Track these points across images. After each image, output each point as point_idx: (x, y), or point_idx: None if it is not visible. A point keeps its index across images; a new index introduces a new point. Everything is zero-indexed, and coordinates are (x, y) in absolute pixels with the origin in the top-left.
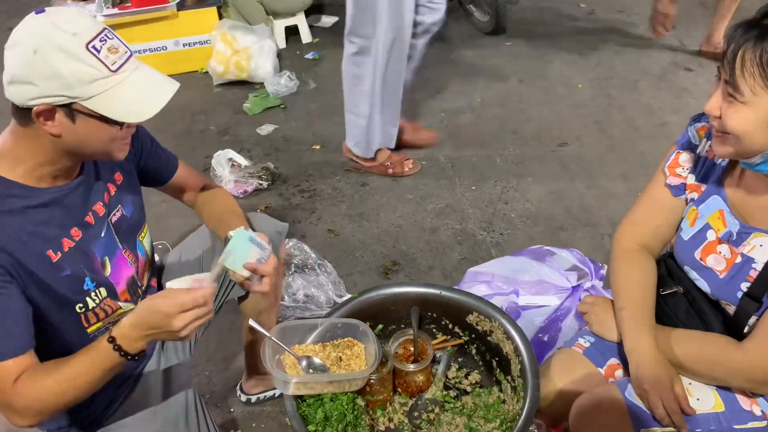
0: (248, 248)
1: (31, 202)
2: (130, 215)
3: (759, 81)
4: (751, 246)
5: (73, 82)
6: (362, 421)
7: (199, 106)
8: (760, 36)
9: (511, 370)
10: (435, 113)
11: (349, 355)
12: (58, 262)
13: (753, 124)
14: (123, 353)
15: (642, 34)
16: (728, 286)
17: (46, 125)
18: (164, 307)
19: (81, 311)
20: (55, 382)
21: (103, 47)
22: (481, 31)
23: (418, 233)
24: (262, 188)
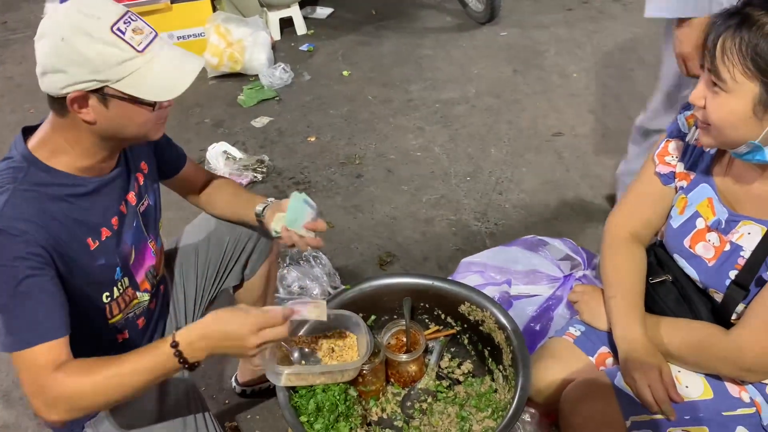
0: (305, 209)
1: (76, 191)
2: (154, 204)
3: (739, 68)
4: (739, 234)
5: (101, 66)
6: (354, 411)
7: (194, 98)
8: (739, 24)
9: (502, 359)
10: (429, 104)
11: (341, 346)
12: (95, 250)
13: (735, 113)
14: (182, 361)
15: (636, 22)
16: (717, 274)
17: (81, 113)
18: (249, 324)
19: (107, 301)
20: (103, 379)
21: (128, 29)
22: (476, 21)
23: (413, 224)
24: (257, 181)
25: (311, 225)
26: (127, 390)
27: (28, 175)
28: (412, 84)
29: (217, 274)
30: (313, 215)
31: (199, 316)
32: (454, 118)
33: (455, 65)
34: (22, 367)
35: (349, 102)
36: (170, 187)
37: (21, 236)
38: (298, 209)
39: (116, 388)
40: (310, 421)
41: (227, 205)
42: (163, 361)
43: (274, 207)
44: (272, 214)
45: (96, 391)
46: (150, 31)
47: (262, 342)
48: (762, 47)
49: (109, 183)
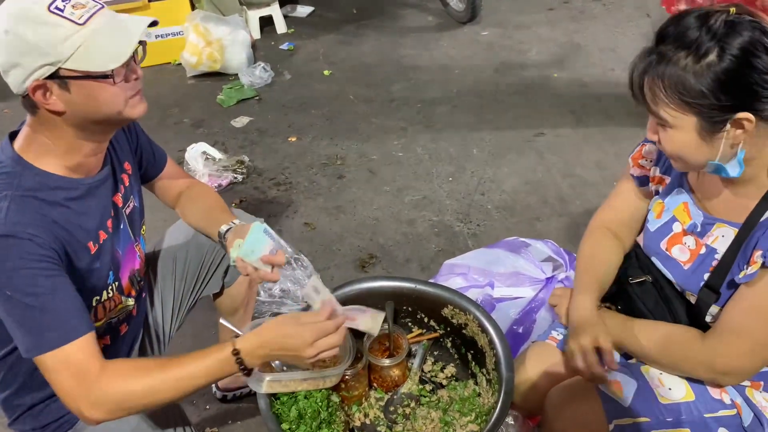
0: (264, 241)
1: (72, 194)
2: (139, 206)
3: (672, 106)
4: (714, 237)
5: (46, 48)
6: (337, 417)
7: (173, 98)
8: (657, 62)
9: (485, 362)
10: (411, 104)
11: None
12: (95, 254)
13: (686, 143)
14: (243, 367)
15: (618, 23)
16: (693, 276)
17: (48, 104)
18: (307, 334)
19: (94, 304)
20: (159, 382)
21: (66, 5)
22: (458, 21)
23: (395, 225)
24: (237, 182)
25: (268, 258)
26: (180, 393)
27: (22, 180)
28: (394, 84)
29: (196, 281)
30: (273, 247)
31: (177, 324)
32: (436, 118)
33: (437, 65)
34: (56, 367)
35: (330, 102)
36: (150, 190)
37: (32, 239)
38: (257, 241)
39: (170, 390)
40: (292, 429)
41: (197, 219)
42: (223, 366)
43: (237, 230)
44: (233, 238)
45: (148, 393)
46: (94, 4)
47: (318, 352)
48: (685, 82)
49: (100, 184)
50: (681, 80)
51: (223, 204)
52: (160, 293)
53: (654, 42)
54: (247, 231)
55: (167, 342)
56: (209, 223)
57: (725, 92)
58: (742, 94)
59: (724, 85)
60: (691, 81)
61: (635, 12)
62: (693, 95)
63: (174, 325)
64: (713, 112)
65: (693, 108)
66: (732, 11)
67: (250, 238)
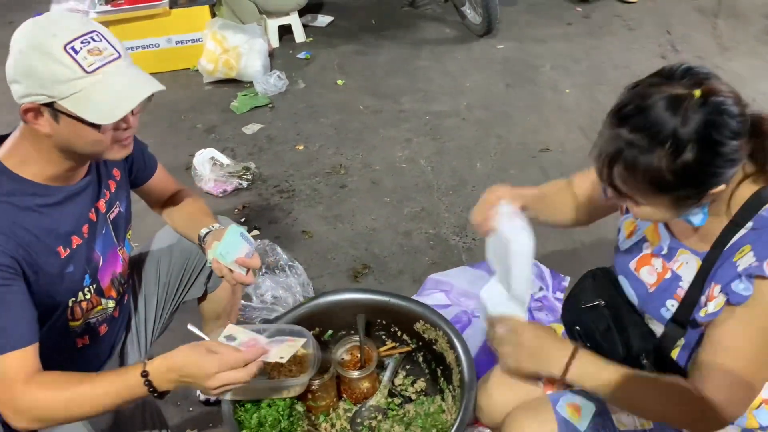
0: (239, 243)
1: (48, 201)
2: (125, 211)
3: (641, 193)
4: (679, 263)
5: (47, 81)
6: (299, 426)
7: (188, 103)
8: (628, 151)
9: (452, 379)
10: (420, 116)
11: (292, 361)
12: (65, 258)
13: (659, 215)
14: (152, 389)
15: (636, 39)
16: (655, 300)
17: (36, 124)
18: (208, 366)
19: (70, 305)
20: (76, 396)
21: (83, 49)
22: (475, 34)
23: (391, 236)
24: (242, 188)
25: (243, 261)
26: (95, 410)
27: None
28: (405, 95)
29: (179, 285)
30: (248, 251)
31: (160, 327)
32: (443, 131)
33: (449, 77)
34: None
35: (340, 111)
36: (138, 195)
37: None
38: (232, 243)
39: (85, 406)
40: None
41: (180, 223)
42: (132, 387)
43: (216, 234)
44: (211, 240)
45: (66, 407)
46: (112, 52)
47: (221, 385)
48: (660, 177)
49: (79, 192)
50: (656, 175)
51: (206, 209)
52: (144, 296)
53: (615, 121)
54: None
55: (149, 344)
56: (191, 226)
57: (700, 180)
58: (717, 176)
59: (699, 175)
60: (668, 177)
61: (655, 29)
62: (669, 188)
63: (157, 328)
64: (687, 195)
65: (663, 192)
66: (697, 94)
67: (225, 240)
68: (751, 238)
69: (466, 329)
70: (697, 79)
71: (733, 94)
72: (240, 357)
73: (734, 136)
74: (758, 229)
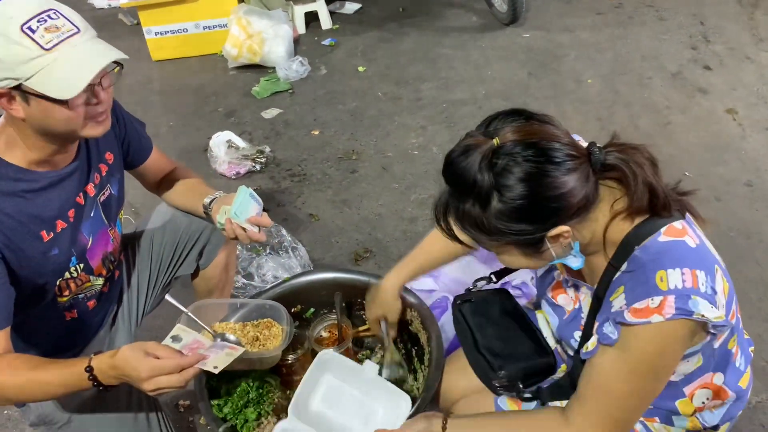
0: (250, 203)
1: (32, 186)
2: (117, 193)
3: (482, 240)
4: (583, 295)
5: (10, 64)
6: (268, 398)
7: (212, 87)
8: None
9: (424, 359)
10: (437, 104)
11: (266, 335)
12: (48, 242)
13: (519, 262)
14: (96, 383)
15: (667, 29)
16: (566, 329)
17: (11, 109)
18: (142, 370)
19: (58, 283)
20: (25, 380)
21: (40, 27)
22: (501, 22)
23: (396, 222)
24: (255, 171)
25: (255, 219)
26: (44, 395)
27: None
28: (425, 82)
29: (171, 262)
30: (258, 210)
31: (152, 301)
32: (458, 119)
33: (471, 66)
34: None
35: (358, 98)
36: (134, 176)
37: None
38: (244, 203)
39: (35, 392)
40: (220, 405)
41: (180, 197)
42: (77, 380)
43: (221, 200)
44: (218, 207)
45: (18, 390)
46: (70, 28)
47: (155, 388)
48: (483, 224)
49: (66, 177)
50: (480, 222)
51: (203, 182)
52: (137, 273)
53: (444, 176)
54: (230, 200)
55: (140, 318)
56: (193, 197)
57: (524, 223)
58: (543, 218)
59: (519, 219)
60: (487, 224)
61: (688, 20)
62: (496, 234)
63: (148, 303)
64: (524, 240)
65: (504, 241)
66: (496, 142)
67: (237, 201)
68: (625, 280)
69: (445, 313)
70: (505, 124)
71: (545, 137)
72: (175, 363)
73: (533, 179)
74: (632, 271)
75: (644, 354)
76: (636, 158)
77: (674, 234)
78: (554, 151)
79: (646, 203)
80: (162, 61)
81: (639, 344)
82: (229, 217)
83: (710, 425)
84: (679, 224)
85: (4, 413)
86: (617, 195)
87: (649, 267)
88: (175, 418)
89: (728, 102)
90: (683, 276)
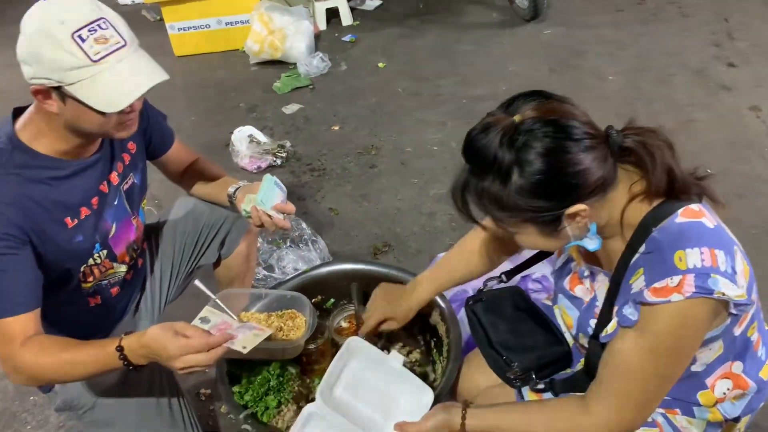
0: (275, 191)
1: (56, 174)
2: (140, 182)
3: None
4: (599, 283)
5: (55, 68)
6: (288, 386)
7: (234, 83)
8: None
9: (443, 351)
10: (457, 99)
11: (290, 326)
12: (73, 228)
13: (536, 243)
14: (126, 362)
15: (690, 26)
16: (583, 319)
17: (45, 104)
18: (172, 348)
19: (82, 269)
20: (59, 362)
21: (90, 37)
22: (522, 18)
23: (414, 217)
24: (276, 165)
25: (280, 206)
26: (78, 376)
27: (11, 157)
28: (444, 79)
29: (193, 251)
30: (283, 198)
31: (175, 290)
32: (478, 115)
33: (491, 62)
34: None
35: (378, 93)
36: (156, 166)
37: None
38: (269, 191)
39: (69, 372)
40: (240, 392)
41: (203, 187)
42: (108, 360)
43: (246, 189)
44: (243, 195)
45: (52, 371)
46: (117, 41)
47: (184, 366)
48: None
49: (90, 166)
50: (498, 199)
51: (225, 173)
52: (160, 261)
53: (464, 154)
54: (255, 188)
55: (163, 306)
56: (216, 187)
57: (543, 199)
58: (561, 195)
59: (538, 195)
60: (507, 200)
61: (712, 16)
62: (515, 211)
63: (171, 291)
64: (542, 218)
65: (523, 218)
66: (517, 119)
67: (263, 188)
68: (644, 262)
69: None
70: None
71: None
72: (204, 342)
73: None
74: (650, 252)
75: (664, 334)
76: (653, 141)
77: (691, 215)
78: (573, 128)
79: (665, 186)
80: (184, 56)
81: (659, 324)
82: (255, 204)
83: (731, 417)
84: (695, 206)
85: (30, 399)
86: (634, 178)
87: (667, 247)
88: (196, 406)
89: (752, 99)
90: (702, 255)
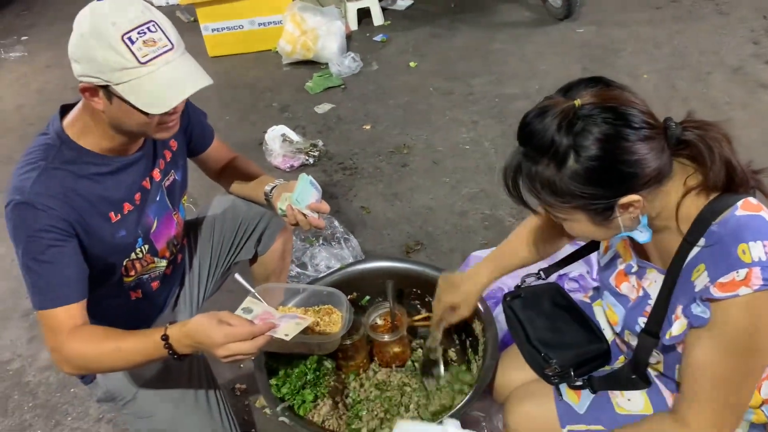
0: (310, 190)
1: (101, 170)
2: (181, 179)
3: (551, 205)
4: (649, 281)
5: (104, 68)
6: (324, 381)
7: (267, 83)
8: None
9: (478, 350)
10: (489, 98)
11: (327, 321)
12: (116, 223)
13: (586, 230)
14: (171, 352)
15: (727, 24)
16: (629, 317)
17: (92, 101)
18: (216, 336)
19: (126, 262)
20: (106, 350)
21: (139, 39)
22: (555, 17)
23: (446, 216)
24: (308, 164)
25: (315, 206)
26: (123, 365)
27: (59, 153)
28: (477, 77)
29: (231, 248)
30: (317, 197)
31: (213, 285)
32: (510, 114)
33: (524, 61)
34: (44, 324)
35: (410, 93)
36: (196, 164)
37: (46, 211)
38: (305, 190)
39: (116, 361)
40: (278, 384)
41: (241, 185)
42: (153, 349)
43: (282, 188)
44: (279, 194)
45: (99, 360)
46: (165, 44)
47: (228, 354)
48: (555, 186)
49: (133, 163)
50: (551, 184)
51: (263, 171)
52: (198, 257)
53: (519, 137)
54: (291, 187)
55: (202, 301)
56: (254, 185)
57: (597, 187)
58: (616, 183)
59: (592, 182)
60: (561, 185)
61: (751, 13)
62: (568, 197)
63: (209, 286)
64: (595, 206)
65: (574, 205)
66: (577, 104)
67: (299, 187)
68: (705, 256)
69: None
70: (584, 89)
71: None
72: (248, 330)
73: (610, 141)
74: (710, 246)
75: (738, 330)
76: (712, 134)
77: (751, 208)
78: (632, 116)
79: (723, 179)
80: (218, 57)
81: (731, 321)
82: (291, 203)
83: None
84: (753, 200)
85: (71, 391)
86: (689, 171)
87: (729, 241)
88: (231, 401)
89: None
90: (765, 248)
